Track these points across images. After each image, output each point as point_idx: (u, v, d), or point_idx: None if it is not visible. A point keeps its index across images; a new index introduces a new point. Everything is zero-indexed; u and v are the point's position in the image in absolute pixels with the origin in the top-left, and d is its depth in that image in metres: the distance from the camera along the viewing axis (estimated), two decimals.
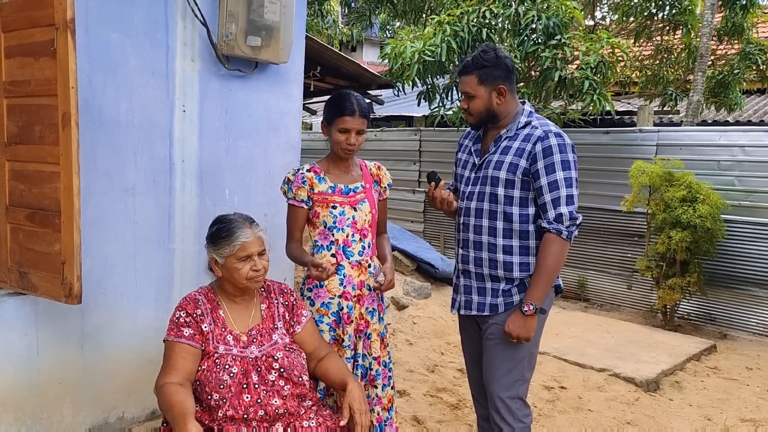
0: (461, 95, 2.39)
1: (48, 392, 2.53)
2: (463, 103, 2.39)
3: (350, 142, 2.38)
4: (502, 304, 2.34)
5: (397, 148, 8.49)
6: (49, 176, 2.16)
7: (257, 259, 2.09)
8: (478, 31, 5.85)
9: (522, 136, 2.30)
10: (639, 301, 6.34)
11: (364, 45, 18.10)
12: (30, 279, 2.31)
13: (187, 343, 2.02)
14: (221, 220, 2.15)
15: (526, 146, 2.27)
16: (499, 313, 2.34)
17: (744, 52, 7.91)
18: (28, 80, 2.19)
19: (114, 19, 2.57)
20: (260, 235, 2.12)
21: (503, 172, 2.29)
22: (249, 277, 2.08)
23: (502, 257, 2.32)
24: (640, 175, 5.52)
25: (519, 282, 2.32)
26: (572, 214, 2.23)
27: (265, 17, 2.87)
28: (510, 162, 2.28)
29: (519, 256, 2.31)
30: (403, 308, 5.30)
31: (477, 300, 2.40)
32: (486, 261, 2.36)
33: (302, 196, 2.42)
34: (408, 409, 3.57)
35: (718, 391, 4.21)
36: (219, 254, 2.08)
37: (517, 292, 2.32)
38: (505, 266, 2.32)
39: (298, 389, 2.09)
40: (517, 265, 2.31)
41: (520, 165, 2.26)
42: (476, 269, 2.39)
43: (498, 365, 2.35)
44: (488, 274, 2.36)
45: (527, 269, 2.31)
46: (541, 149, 2.23)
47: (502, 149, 2.33)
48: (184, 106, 2.85)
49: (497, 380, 2.35)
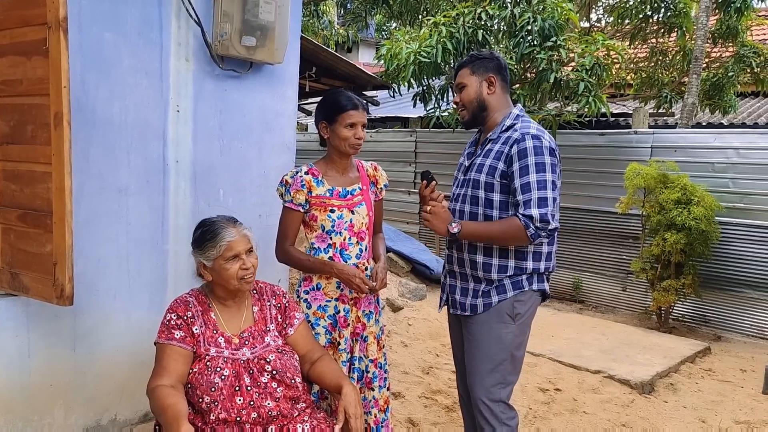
0: (455, 92, 2.44)
1: (39, 394, 2.51)
2: (455, 98, 2.44)
3: (359, 135, 2.36)
4: (481, 305, 2.37)
5: (392, 149, 8.49)
6: (41, 176, 2.14)
7: (245, 258, 2.07)
8: (473, 32, 5.85)
9: (503, 138, 2.32)
10: (634, 302, 6.35)
11: (360, 46, 18.09)
12: (21, 280, 2.28)
13: (178, 345, 2.01)
14: (204, 224, 2.12)
15: (504, 149, 2.28)
16: (478, 314, 2.37)
17: (738, 54, 7.93)
18: (20, 79, 2.16)
19: (107, 18, 2.55)
20: (245, 233, 2.10)
21: (483, 175, 2.32)
22: (239, 277, 2.06)
23: (482, 259, 2.35)
24: (635, 177, 5.53)
25: (498, 284, 2.35)
26: (543, 216, 2.18)
27: (260, 17, 2.86)
28: (489, 165, 2.31)
29: (498, 258, 2.33)
30: (398, 310, 5.29)
31: (459, 299, 2.45)
32: (467, 262, 2.40)
33: (300, 200, 2.40)
34: (403, 411, 3.55)
35: (713, 393, 4.21)
36: (206, 258, 2.06)
37: (495, 293, 2.35)
38: (484, 267, 2.35)
39: (291, 391, 2.07)
40: (495, 266, 2.33)
41: (498, 168, 2.28)
42: (459, 269, 2.45)
43: (478, 366, 2.38)
44: (470, 274, 2.41)
45: (505, 271, 2.33)
46: (517, 151, 2.24)
47: (485, 152, 2.37)
48: (178, 106, 2.83)
49: (478, 382, 2.38)
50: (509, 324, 2.35)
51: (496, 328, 2.35)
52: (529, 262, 2.34)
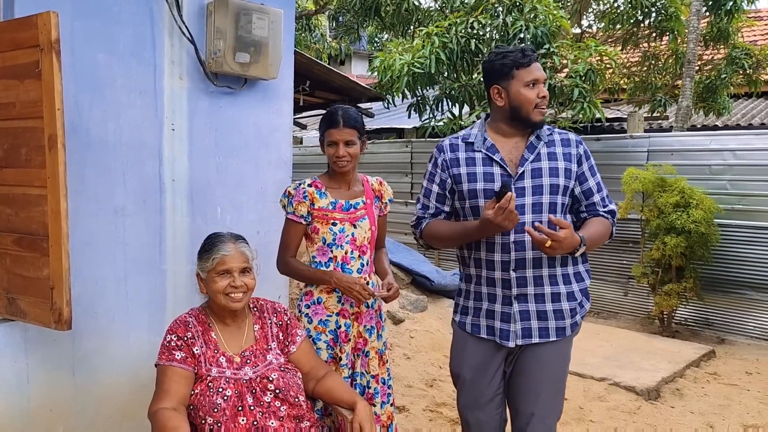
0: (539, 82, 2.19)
1: (39, 420, 2.47)
2: (542, 90, 2.19)
3: (338, 154, 2.36)
4: (569, 326, 2.22)
5: (388, 161, 8.48)
6: (37, 200, 2.12)
7: (236, 276, 2.05)
8: (466, 42, 5.87)
9: (558, 141, 2.23)
10: (636, 308, 6.32)
11: (353, 58, 18.17)
12: (18, 305, 2.25)
13: (180, 366, 1.98)
14: (209, 236, 2.16)
15: (570, 150, 2.22)
16: (566, 337, 2.22)
17: (730, 56, 7.99)
18: (12, 102, 2.15)
19: (100, 39, 2.54)
20: (243, 251, 2.09)
21: (562, 179, 2.18)
22: (225, 293, 2.03)
23: (560, 270, 2.20)
24: (633, 182, 5.52)
25: (579, 299, 2.24)
26: (615, 212, 2.26)
27: (253, 33, 2.85)
28: (565, 168, 2.19)
29: (572, 266, 2.23)
30: (400, 322, 5.25)
31: (538, 326, 2.19)
32: (546, 278, 2.19)
33: (302, 212, 2.40)
34: (408, 425, 3.52)
35: (719, 397, 4.18)
36: (202, 269, 2.09)
37: (578, 312, 2.24)
38: (564, 279, 2.20)
39: (295, 410, 2.04)
40: (572, 275, 2.23)
41: (572, 170, 2.21)
42: (536, 290, 2.18)
43: (547, 392, 2.23)
44: (549, 293, 2.19)
45: (581, 278, 2.26)
46: (584, 151, 2.25)
47: (547, 155, 2.19)
48: (173, 124, 2.82)
49: (549, 408, 2.24)
50: (570, 340, 2.28)
51: (567, 348, 2.26)
52: (587, 263, 2.31)
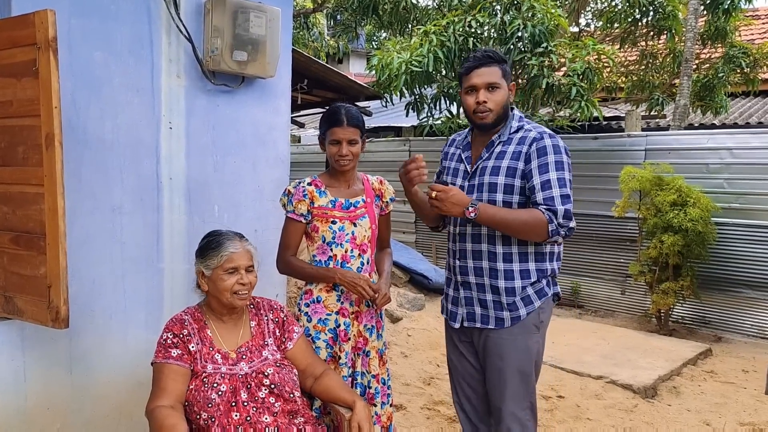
0: (477, 89, 2.25)
1: (36, 418, 2.47)
2: (481, 96, 2.24)
3: (341, 153, 2.36)
4: (509, 318, 2.28)
5: (386, 159, 8.47)
6: (34, 198, 2.11)
7: (244, 273, 2.08)
8: (464, 40, 5.86)
9: (516, 139, 2.29)
10: (633, 306, 6.34)
11: (351, 57, 18.13)
12: (16, 303, 2.25)
13: (176, 363, 1.99)
14: (211, 234, 2.17)
15: (522, 148, 2.25)
16: (504, 327, 2.29)
17: (728, 55, 7.99)
18: (10, 101, 2.15)
19: (97, 37, 2.53)
20: (249, 249, 2.13)
21: (501, 177, 2.25)
22: (234, 291, 2.06)
23: (503, 266, 2.27)
24: (630, 180, 5.53)
25: (523, 295, 2.27)
26: (567, 213, 2.15)
27: (250, 31, 2.85)
28: (507, 166, 2.25)
29: (519, 263, 2.27)
30: (397, 321, 5.26)
31: (480, 312, 2.33)
32: (486, 270, 2.30)
33: (302, 210, 2.40)
34: (405, 423, 3.52)
35: (716, 395, 4.20)
36: (206, 266, 2.08)
37: (523, 305, 2.27)
38: (506, 275, 2.27)
39: (289, 405, 2.05)
40: (517, 272, 2.27)
41: (518, 168, 2.23)
42: (476, 280, 2.33)
43: (507, 380, 2.29)
44: (488, 284, 2.30)
45: (528, 276, 2.27)
46: (536, 149, 2.22)
47: (497, 154, 2.30)
48: (170, 122, 2.82)
49: (509, 396, 2.29)
50: (534, 334, 2.30)
51: (523, 340, 2.29)
52: (547, 263, 2.31)
